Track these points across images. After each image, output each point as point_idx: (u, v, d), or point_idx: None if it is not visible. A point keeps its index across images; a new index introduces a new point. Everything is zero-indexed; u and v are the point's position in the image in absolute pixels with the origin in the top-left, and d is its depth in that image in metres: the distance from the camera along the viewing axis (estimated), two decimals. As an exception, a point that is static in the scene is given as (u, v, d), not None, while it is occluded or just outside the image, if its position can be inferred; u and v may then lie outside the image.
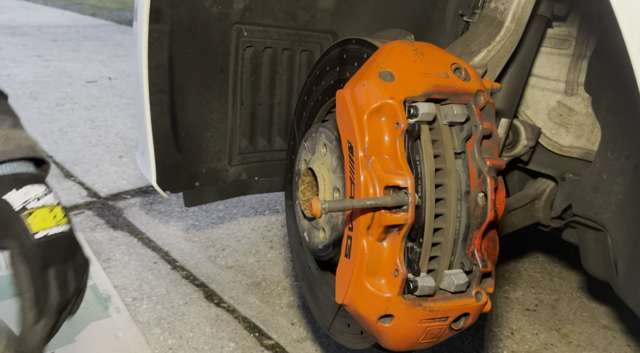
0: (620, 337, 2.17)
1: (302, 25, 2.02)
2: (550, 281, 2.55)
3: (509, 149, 1.57)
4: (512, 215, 1.67)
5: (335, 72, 1.41)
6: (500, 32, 1.33)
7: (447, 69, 1.04)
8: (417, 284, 0.98)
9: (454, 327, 1.04)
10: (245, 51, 1.96)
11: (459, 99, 1.03)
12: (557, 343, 2.10)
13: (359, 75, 1.07)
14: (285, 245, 2.65)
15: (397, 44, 1.07)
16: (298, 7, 1.99)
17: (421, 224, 0.99)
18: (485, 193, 1.01)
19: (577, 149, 1.59)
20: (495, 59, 1.34)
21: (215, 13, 1.85)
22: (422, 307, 0.98)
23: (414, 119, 0.99)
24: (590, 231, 1.50)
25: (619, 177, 1.38)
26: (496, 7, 1.35)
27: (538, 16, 1.42)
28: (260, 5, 1.92)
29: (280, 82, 2.07)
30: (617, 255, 1.40)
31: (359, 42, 1.31)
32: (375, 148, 1.00)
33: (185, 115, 1.91)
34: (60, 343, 1.84)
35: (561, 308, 2.35)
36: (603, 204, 1.41)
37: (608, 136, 1.43)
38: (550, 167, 1.64)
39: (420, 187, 0.99)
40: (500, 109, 1.47)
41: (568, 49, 1.59)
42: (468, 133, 1.02)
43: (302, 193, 1.47)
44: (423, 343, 1.05)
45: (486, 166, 1.01)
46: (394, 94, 0.99)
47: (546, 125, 1.62)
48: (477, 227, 1.02)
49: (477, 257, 1.02)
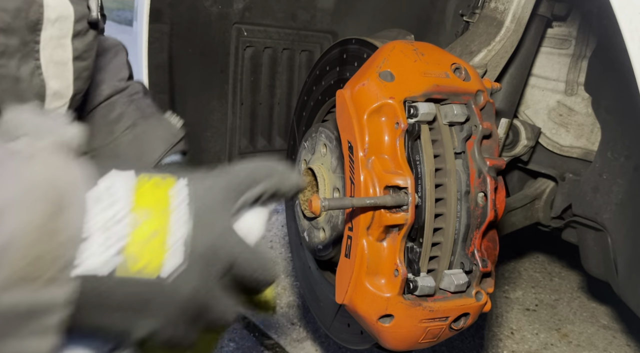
0: (620, 337, 2.17)
1: (302, 25, 2.02)
2: (550, 281, 2.55)
3: (509, 148, 1.57)
4: (512, 215, 1.67)
5: (335, 72, 1.41)
6: (500, 32, 1.33)
7: (447, 68, 1.04)
8: (417, 284, 0.98)
9: (454, 327, 1.04)
10: (245, 51, 1.96)
11: (459, 99, 1.03)
12: (557, 343, 2.10)
13: (359, 75, 1.06)
14: (285, 245, 2.65)
15: (397, 44, 1.07)
16: (298, 7, 1.99)
17: (421, 224, 0.99)
18: (485, 193, 1.01)
19: (577, 148, 1.59)
20: (495, 59, 1.34)
21: (215, 13, 1.85)
22: (422, 307, 0.98)
23: (414, 119, 0.99)
24: (590, 231, 1.50)
25: (619, 177, 1.38)
26: (496, 7, 1.35)
27: (538, 16, 1.42)
28: (260, 5, 1.92)
29: (280, 82, 2.07)
30: (617, 255, 1.39)
31: (359, 42, 1.31)
32: (375, 148, 1.00)
33: (185, 115, 1.91)
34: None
35: (561, 308, 2.35)
36: (603, 204, 1.41)
37: (608, 136, 1.43)
38: (550, 167, 1.64)
39: (420, 187, 0.99)
40: (500, 108, 1.47)
41: (568, 49, 1.59)
42: (468, 133, 1.02)
43: (302, 193, 1.47)
44: (423, 343, 1.04)
45: (486, 166, 1.01)
46: (394, 94, 0.99)
47: (546, 125, 1.62)
48: (477, 227, 1.02)
49: (477, 257, 1.02)
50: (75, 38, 0.80)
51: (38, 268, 0.41)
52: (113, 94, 1.13)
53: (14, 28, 0.70)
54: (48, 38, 0.76)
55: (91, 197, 0.46)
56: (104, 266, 0.44)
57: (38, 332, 0.42)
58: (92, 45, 0.85)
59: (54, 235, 0.42)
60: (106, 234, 0.45)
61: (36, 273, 0.41)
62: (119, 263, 0.45)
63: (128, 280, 0.45)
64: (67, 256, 0.42)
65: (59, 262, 0.42)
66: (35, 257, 0.41)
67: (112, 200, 0.46)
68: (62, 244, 0.42)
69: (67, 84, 0.82)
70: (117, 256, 0.45)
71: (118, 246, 0.45)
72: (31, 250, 0.41)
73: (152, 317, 0.48)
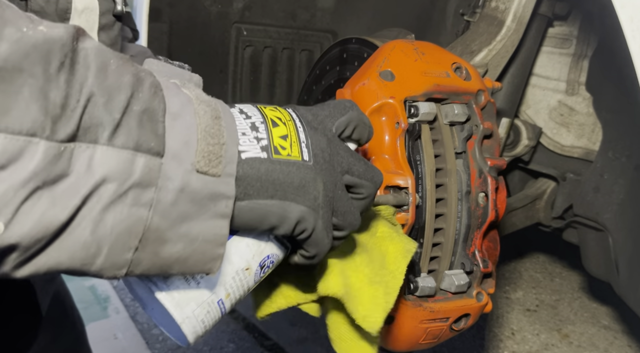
0: (622, 338, 2.16)
1: (302, 24, 2.02)
2: (551, 281, 2.55)
3: (509, 148, 1.57)
4: (513, 215, 1.67)
5: (335, 72, 1.40)
6: (501, 32, 1.33)
7: (448, 68, 1.04)
8: (418, 285, 0.97)
9: (455, 328, 1.04)
10: (244, 50, 1.95)
11: (459, 99, 1.03)
12: (558, 343, 2.10)
13: (359, 74, 1.06)
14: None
15: (397, 43, 1.07)
16: (298, 7, 1.98)
17: (422, 224, 0.99)
18: (486, 193, 1.01)
19: (578, 148, 1.59)
20: (496, 59, 1.34)
21: (214, 12, 1.85)
22: (423, 308, 0.98)
23: (414, 119, 0.98)
24: (591, 231, 1.50)
25: (620, 177, 1.38)
26: (497, 7, 1.35)
27: (539, 15, 1.42)
28: (260, 5, 1.92)
29: (280, 82, 2.07)
30: (618, 255, 1.39)
31: (359, 42, 1.30)
32: (376, 148, 0.99)
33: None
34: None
35: (562, 308, 2.34)
36: (604, 204, 1.41)
37: (609, 136, 1.43)
38: (551, 167, 1.64)
39: (421, 187, 0.98)
40: (501, 108, 1.46)
41: (569, 49, 1.58)
42: (469, 133, 1.02)
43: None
44: (424, 343, 1.04)
45: (487, 166, 1.01)
46: (394, 94, 0.98)
47: (547, 124, 1.62)
48: (477, 227, 1.02)
49: (477, 258, 1.02)
50: (101, 31, 0.80)
51: (213, 160, 0.50)
52: None
53: (47, 12, 0.72)
54: None
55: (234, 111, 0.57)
56: (262, 152, 0.54)
57: (221, 215, 0.51)
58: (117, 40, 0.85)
59: (220, 134, 0.51)
60: (254, 133, 0.55)
61: (213, 164, 0.50)
62: (272, 149, 0.55)
63: (282, 161, 0.55)
64: (232, 152, 0.51)
65: (227, 157, 0.51)
66: (210, 151, 0.50)
67: (250, 113, 0.57)
68: (227, 142, 0.51)
69: None
70: (269, 145, 0.55)
71: (266, 139, 0.55)
72: (207, 146, 0.50)
73: (302, 202, 0.56)
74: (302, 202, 0.56)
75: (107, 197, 0.45)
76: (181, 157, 0.48)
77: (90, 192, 0.45)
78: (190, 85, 0.56)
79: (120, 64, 0.48)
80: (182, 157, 0.49)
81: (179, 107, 0.50)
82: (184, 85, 0.55)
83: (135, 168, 0.46)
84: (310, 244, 0.59)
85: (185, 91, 0.53)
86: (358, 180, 0.61)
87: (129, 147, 0.46)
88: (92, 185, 0.45)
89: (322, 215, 0.57)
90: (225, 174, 0.51)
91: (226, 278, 0.59)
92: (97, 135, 0.45)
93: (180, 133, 0.49)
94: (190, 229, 0.50)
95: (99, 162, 0.45)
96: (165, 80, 0.53)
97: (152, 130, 0.47)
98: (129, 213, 0.46)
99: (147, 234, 0.48)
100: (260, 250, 0.61)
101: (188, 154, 0.49)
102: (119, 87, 0.47)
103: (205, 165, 0.49)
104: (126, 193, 0.46)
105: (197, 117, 0.51)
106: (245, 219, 0.54)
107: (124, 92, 0.47)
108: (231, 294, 0.60)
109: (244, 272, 0.60)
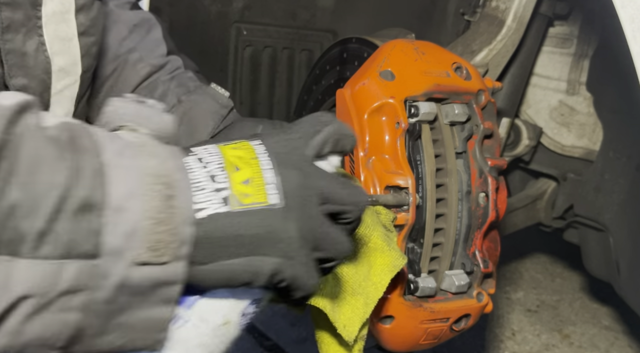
0: (622, 338, 2.16)
1: (302, 24, 2.01)
2: (551, 282, 2.55)
3: (510, 148, 1.57)
4: (514, 216, 1.67)
5: (335, 71, 1.40)
6: (502, 31, 1.32)
7: (448, 68, 1.03)
8: (418, 285, 0.97)
9: (455, 328, 1.03)
10: (244, 50, 1.95)
11: (460, 98, 1.02)
12: (559, 344, 2.10)
13: (359, 74, 1.06)
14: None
15: (397, 43, 1.07)
16: (298, 6, 1.98)
17: (422, 225, 0.98)
18: (486, 194, 1.01)
19: (578, 148, 1.59)
20: (497, 58, 1.34)
21: (214, 12, 1.84)
22: (423, 308, 0.98)
23: (414, 119, 0.98)
24: (592, 231, 1.50)
25: (621, 177, 1.38)
26: (497, 6, 1.34)
27: (539, 15, 1.42)
28: (260, 4, 1.92)
29: (280, 82, 2.06)
30: (619, 255, 1.39)
31: (360, 41, 1.30)
32: (376, 148, 0.99)
33: (185, 115, 1.91)
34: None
35: (563, 309, 2.34)
36: (605, 204, 1.41)
37: (610, 136, 1.43)
38: (552, 167, 1.64)
39: (421, 187, 0.98)
40: (502, 108, 1.46)
41: (570, 48, 1.58)
42: (469, 132, 1.01)
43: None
44: (424, 344, 1.04)
45: (487, 166, 1.01)
46: (394, 93, 0.98)
47: (548, 124, 1.62)
48: (478, 227, 1.01)
49: (478, 258, 1.02)
50: (79, 12, 0.78)
51: (160, 249, 0.46)
52: (152, 73, 1.07)
53: (18, 2, 0.70)
54: (50, 13, 0.74)
55: (191, 162, 0.52)
56: (222, 205, 0.49)
57: (164, 301, 0.48)
58: (98, 20, 0.83)
59: (170, 218, 0.47)
60: (213, 185, 0.50)
61: (159, 252, 0.46)
62: (232, 201, 0.50)
63: (245, 211, 0.50)
64: (184, 233, 0.47)
65: (177, 240, 0.47)
66: (157, 240, 0.46)
67: (209, 159, 0.52)
68: (178, 225, 0.47)
69: (74, 60, 0.80)
70: (229, 195, 0.50)
71: (227, 189, 0.50)
72: (153, 235, 0.46)
73: (272, 253, 0.51)
74: (273, 253, 0.51)
75: (25, 312, 0.43)
76: (122, 252, 0.45)
77: (6, 310, 0.42)
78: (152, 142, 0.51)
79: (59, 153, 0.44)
80: (122, 252, 0.45)
81: (125, 193, 0.46)
82: (144, 145, 0.50)
83: (62, 278, 0.43)
84: (293, 290, 0.55)
85: (139, 161, 0.48)
86: (341, 207, 0.56)
87: (55, 257, 0.43)
88: (8, 304, 0.42)
89: (300, 260, 0.52)
90: (175, 258, 0.47)
91: (203, 339, 0.55)
92: (18, 248, 0.42)
93: (123, 225, 0.45)
94: (128, 319, 0.47)
95: (18, 278, 0.42)
96: (120, 147, 0.48)
97: (88, 229, 0.44)
98: (53, 319, 0.44)
99: (77, 333, 0.45)
100: (238, 302, 0.57)
101: (130, 247, 0.45)
102: (49, 188, 0.43)
103: (150, 256, 0.46)
104: (51, 303, 0.43)
105: (145, 202, 0.46)
106: (213, 281, 0.51)
107: (55, 193, 0.43)
108: (215, 351, 0.57)
109: (222, 327, 0.57)
